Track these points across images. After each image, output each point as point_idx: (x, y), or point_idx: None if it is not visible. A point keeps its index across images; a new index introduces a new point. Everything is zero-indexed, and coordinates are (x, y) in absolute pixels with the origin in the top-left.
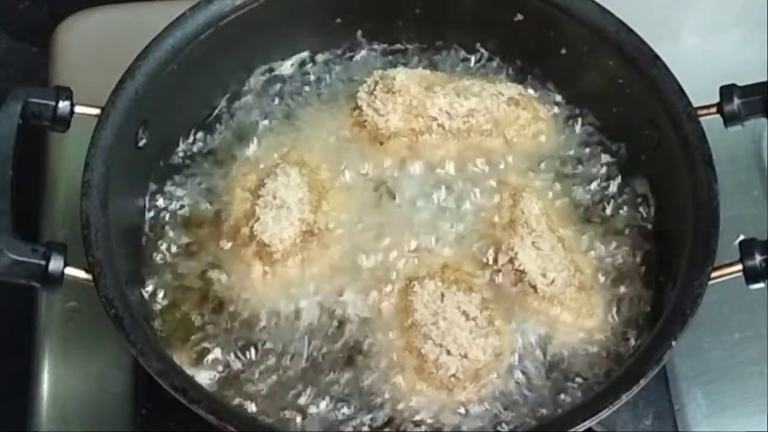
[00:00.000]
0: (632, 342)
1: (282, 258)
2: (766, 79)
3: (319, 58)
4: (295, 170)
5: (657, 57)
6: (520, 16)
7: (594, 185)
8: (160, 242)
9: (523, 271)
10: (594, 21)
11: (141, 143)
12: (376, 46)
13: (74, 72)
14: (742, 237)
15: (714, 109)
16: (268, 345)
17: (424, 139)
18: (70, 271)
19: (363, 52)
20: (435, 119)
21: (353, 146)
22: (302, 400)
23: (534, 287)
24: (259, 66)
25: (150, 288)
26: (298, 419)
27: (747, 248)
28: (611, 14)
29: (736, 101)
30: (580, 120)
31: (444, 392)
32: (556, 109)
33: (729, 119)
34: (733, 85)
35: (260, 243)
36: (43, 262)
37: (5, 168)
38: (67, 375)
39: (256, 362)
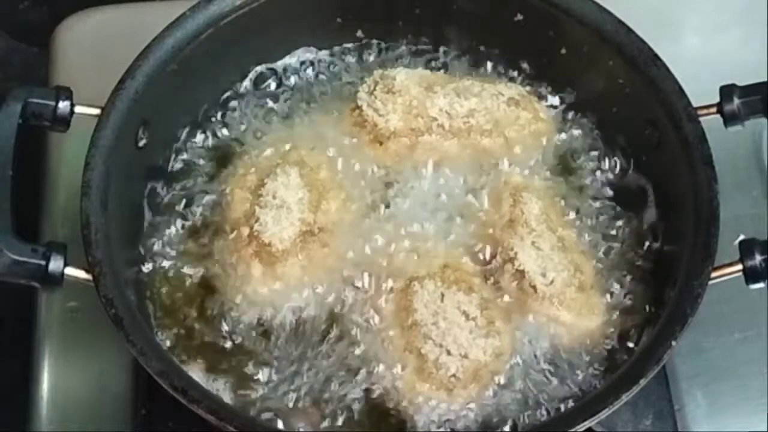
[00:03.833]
0: (632, 342)
1: (282, 258)
2: (766, 79)
3: (319, 57)
4: (295, 170)
5: (657, 57)
6: (520, 16)
7: (594, 185)
8: (160, 242)
9: (522, 271)
10: (594, 21)
11: (141, 143)
12: (376, 46)
13: (74, 72)
14: (742, 237)
15: (714, 109)
16: (267, 345)
17: (424, 139)
18: (70, 271)
19: (363, 52)
20: (435, 119)
21: (353, 146)
22: (301, 400)
23: (534, 287)
24: (259, 66)
25: (150, 288)
26: (296, 419)
27: (747, 248)
28: (611, 14)
29: (736, 101)
30: (579, 120)
31: (444, 392)
32: (556, 109)
33: (729, 119)
34: (733, 85)
35: (260, 243)
36: (43, 262)
37: (5, 168)
38: (67, 375)
39: (255, 362)
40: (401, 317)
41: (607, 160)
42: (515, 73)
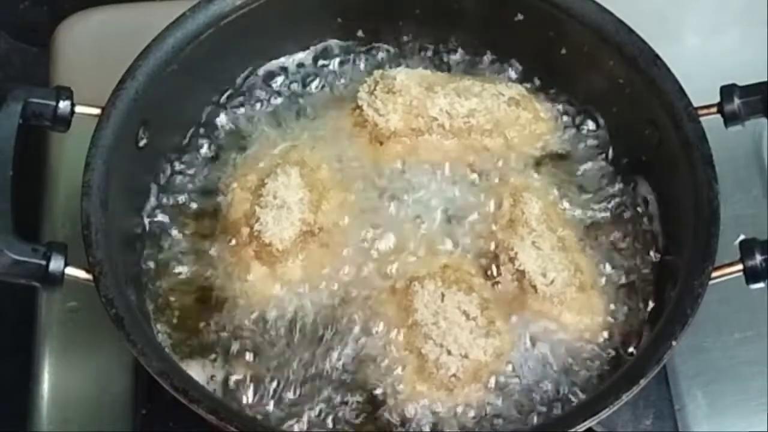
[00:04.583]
0: (632, 342)
1: (282, 258)
2: (766, 79)
3: (320, 57)
4: (295, 170)
5: (657, 57)
6: (520, 16)
7: (594, 185)
8: (160, 242)
9: (523, 271)
10: (594, 21)
11: (141, 143)
12: (376, 46)
13: (74, 72)
14: (742, 237)
15: (714, 109)
16: (268, 345)
17: (425, 139)
18: (70, 271)
19: (363, 52)
20: (435, 119)
21: (353, 146)
22: (301, 400)
23: (534, 287)
24: (259, 66)
25: (150, 288)
26: (297, 419)
27: (747, 248)
28: (611, 14)
29: (737, 101)
30: (580, 120)
31: (444, 392)
32: (556, 109)
33: (729, 119)
34: (734, 85)
35: (261, 243)
36: (43, 262)
37: (5, 168)
38: (67, 375)
39: (256, 362)
40: (402, 317)
41: (607, 160)
42: (515, 73)
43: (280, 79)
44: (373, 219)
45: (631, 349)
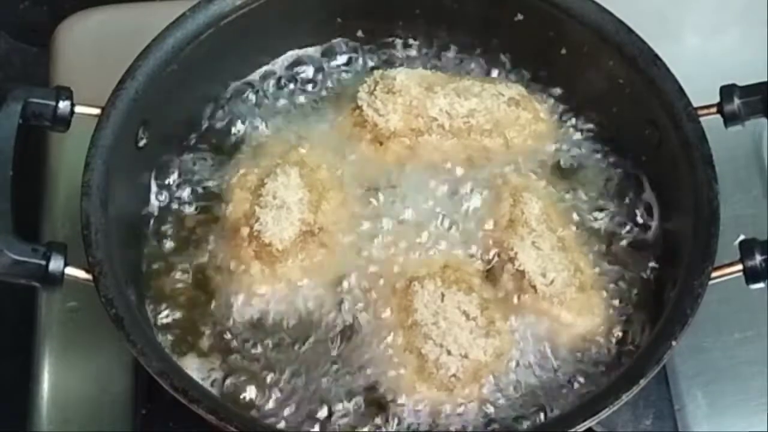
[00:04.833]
0: (632, 342)
1: (282, 258)
2: (766, 79)
3: (320, 57)
4: (295, 170)
5: (657, 57)
6: (520, 16)
7: (594, 185)
8: (160, 242)
9: (523, 271)
10: (594, 21)
11: (141, 143)
12: (376, 46)
13: (74, 72)
14: (742, 237)
15: (714, 109)
16: (267, 345)
17: (424, 140)
18: (70, 271)
19: (363, 52)
20: (435, 119)
21: (353, 146)
22: (301, 400)
23: (534, 287)
24: (260, 66)
25: (150, 288)
26: (296, 419)
27: (747, 248)
28: (611, 14)
29: (736, 101)
30: (580, 120)
31: (444, 392)
32: (556, 109)
33: (729, 119)
34: (734, 85)
35: (260, 243)
36: (43, 262)
37: (5, 168)
38: (67, 375)
39: (255, 362)
40: (401, 317)
41: (607, 160)
42: (515, 73)
43: (279, 79)
44: (373, 219)
45: (630, 349)
